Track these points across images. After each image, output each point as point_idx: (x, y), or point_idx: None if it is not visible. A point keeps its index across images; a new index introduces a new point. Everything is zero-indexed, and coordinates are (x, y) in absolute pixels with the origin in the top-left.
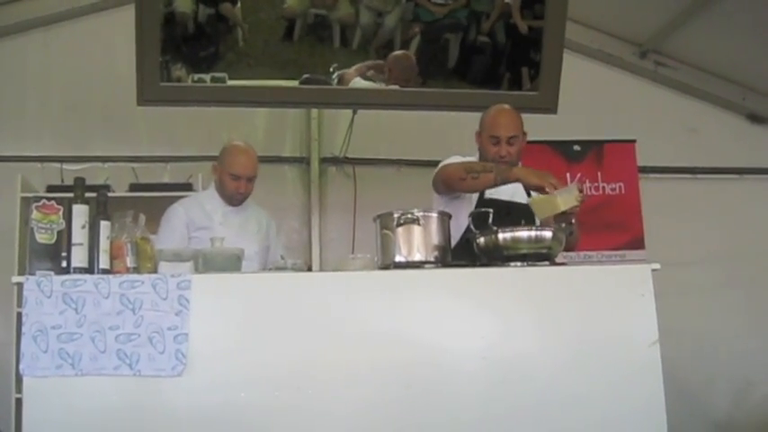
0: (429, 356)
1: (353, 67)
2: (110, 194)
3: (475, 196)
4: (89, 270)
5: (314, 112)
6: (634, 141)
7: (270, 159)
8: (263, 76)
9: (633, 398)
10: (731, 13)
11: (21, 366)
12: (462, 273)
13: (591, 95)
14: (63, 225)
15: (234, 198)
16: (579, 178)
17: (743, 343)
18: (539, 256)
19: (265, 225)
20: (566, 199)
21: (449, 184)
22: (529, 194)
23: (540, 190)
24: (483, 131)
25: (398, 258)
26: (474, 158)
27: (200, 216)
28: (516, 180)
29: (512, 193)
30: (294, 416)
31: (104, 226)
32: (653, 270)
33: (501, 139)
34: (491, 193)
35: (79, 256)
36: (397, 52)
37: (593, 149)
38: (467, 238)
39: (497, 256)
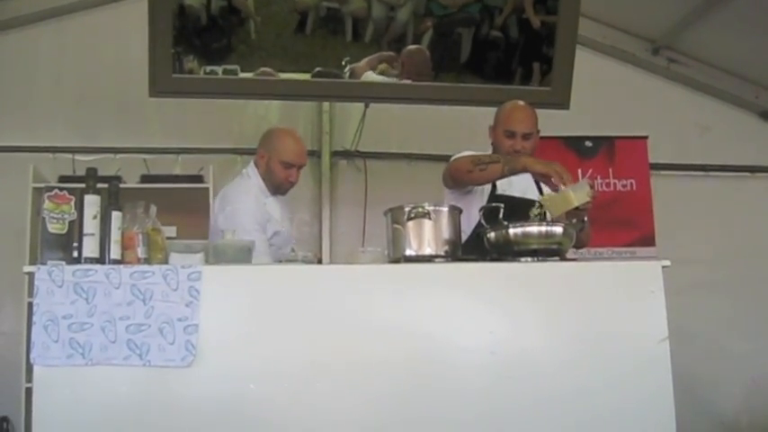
0: (438, 350)
1: (364, 60)
2: (121, 185)
3: (487, 191)
4: (100, 260)
5: (325, 105)
6: (646, 138)
7: None
8: (275, 68)
9: (642, 394)
10: (745, 11)
11: (31, 355)
12: (472, 267)
13: (603, 91)
14: (75, 215)
15: (282, 187)
16: (590, 174)
17: (751, 342)
18: (549, 251)
19: (288, 213)
20: (579, 195)
21: (457, 178)
22: (541, 191)
23: (546, 178)
24: (498, 126)
25: (409, 252)
26: (488, 153)
27: (263, 214)
28: (523, 168)
29: (524, 189)
30: (303, 407)
31: (116, 216)
32: (663, 267)
33: (516, 134)
34: (503, 189)
35: (90, 247)
36: (412, 47)
37: (604, 145)
38: (478, 233)
39: (508, 251)
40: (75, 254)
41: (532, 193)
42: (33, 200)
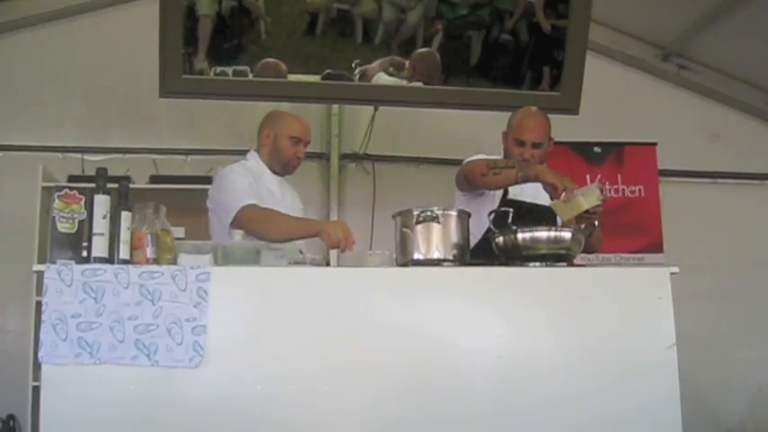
0: (445, 354)
1: (376, 62)
2: (130, 186)
3: (498, 196)
4: (109, 260)
5: (334, 107)
6: (655, 144)
7: None
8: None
9: (649, 401)
10: (755, 18)
11: (40, 354)
12: (480, 272)
13: (612, 97)
14: (84, 215)
15: (290, 164)
16: (599, 180)
17: (758, 350)
18: (557, 256)
19: (300, 202)
20: (588, 198)
21: (470, 180)
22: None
23: (553, 188)
24: (509, 133)
25: (417, 256)
26: (499, 158)
27: (262, 189)
28: (536, 176)
29: (534, 195)
30: (310, 409)
31: (125, 216)
32: (671, 274)
33: (526, 143)
34: (514, 194)
35: (100, 246)
36: (422, 50)
37: (613, 151)
38: (486, 238)
39: (516, 256)
40: (85, 253)
41: (543, 199)
42: (42, 199)
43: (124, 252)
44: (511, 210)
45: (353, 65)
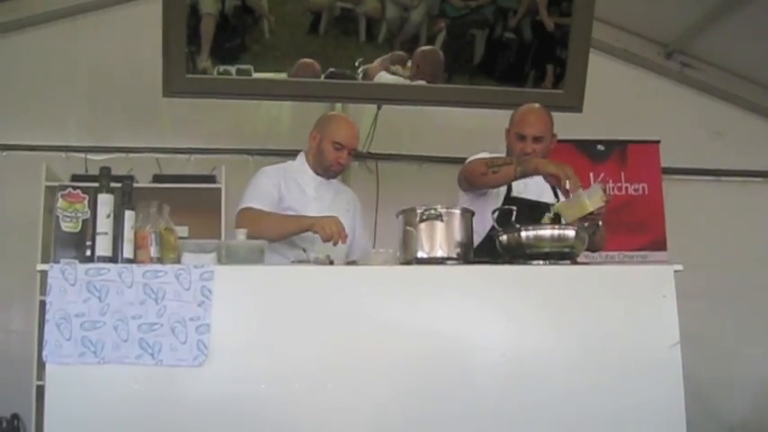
0: (448, 352)
1: (377, 61)
2: (134, 185)
3: (502, 194)
4: (113, 259)
5: (338, 106)
6: (658, 142)
7: (293, 153)
8: (288, 68)
9: (653, 398)
10: (758, 16)
11: (44, 353)
12: (483, 270)
13: (615, 95)
14: (88, 214)
15: (331, 169)
16: (603, 178)
17: (762, 347)
18: (561, 254)
19: (353, 205)
20: (593, 200)
21: (471, 180)
22: (556, 195)
23: (555, 179)
24: (511, 128)
25: (420, 254)
26: (501, 156)
27: (293, 188)
28: (535, 169)
29: (539, 193)
30: (314, 408)
31: (129, 216)
32: (675, 271)
33: (527, 137)
34: (518, 192)
35: (103, 246)
36: (425, 47)
37: (616, 149)
38: (490, 236)
39: (520, 254)
40: (89, 252)
41: (548, 197)
42: (46, 198)
43: (128, 251)
44: (514, 207)
45: (357, 63)
